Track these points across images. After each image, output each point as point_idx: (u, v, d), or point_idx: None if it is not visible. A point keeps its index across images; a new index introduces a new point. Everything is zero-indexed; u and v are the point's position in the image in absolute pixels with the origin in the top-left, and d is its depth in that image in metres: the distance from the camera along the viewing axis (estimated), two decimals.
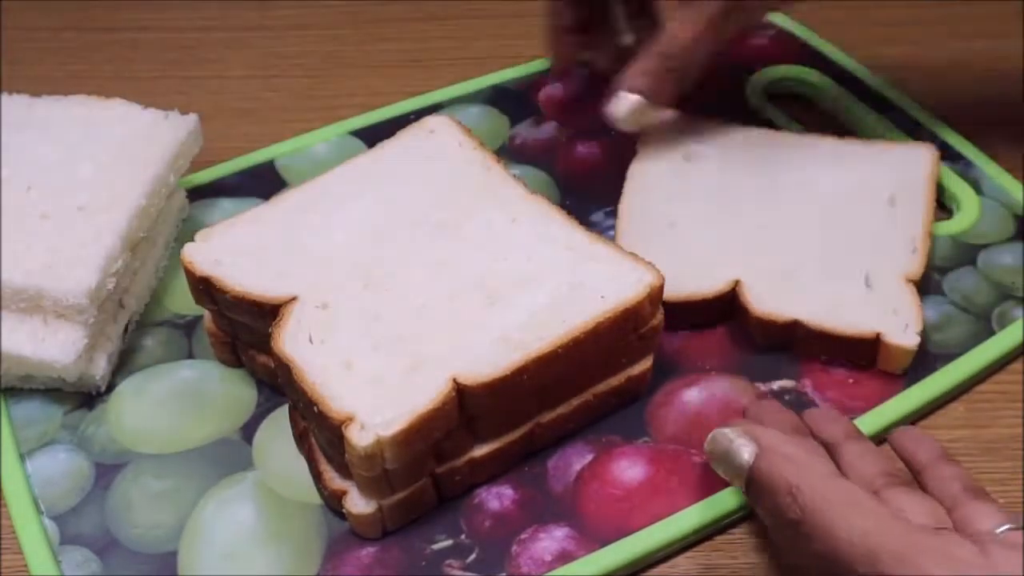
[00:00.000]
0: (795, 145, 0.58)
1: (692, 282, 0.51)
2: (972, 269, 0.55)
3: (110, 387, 0.50)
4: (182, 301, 0.54)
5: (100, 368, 0.49)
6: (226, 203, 0.59)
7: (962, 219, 0.57)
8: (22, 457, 0.47)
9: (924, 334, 0.51)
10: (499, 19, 0.73)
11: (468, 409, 0.43)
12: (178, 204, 0.57)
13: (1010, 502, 0.46)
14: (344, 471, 0.43)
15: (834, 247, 0.52)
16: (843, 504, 0.37)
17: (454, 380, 0.42)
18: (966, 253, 0.55)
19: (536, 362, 0.43)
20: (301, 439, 0.46)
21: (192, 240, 0.49)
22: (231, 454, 0.47)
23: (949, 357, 0.50)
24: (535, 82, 0.67)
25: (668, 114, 0.56)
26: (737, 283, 0.51)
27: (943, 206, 0.59)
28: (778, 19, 0.71)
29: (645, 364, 0.48)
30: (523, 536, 0.44)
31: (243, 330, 0.48)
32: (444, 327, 0.44)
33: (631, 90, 0.54)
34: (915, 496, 0.39)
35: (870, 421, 0.48)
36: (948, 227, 0.57)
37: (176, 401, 0.50)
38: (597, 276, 0.46)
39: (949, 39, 0.72)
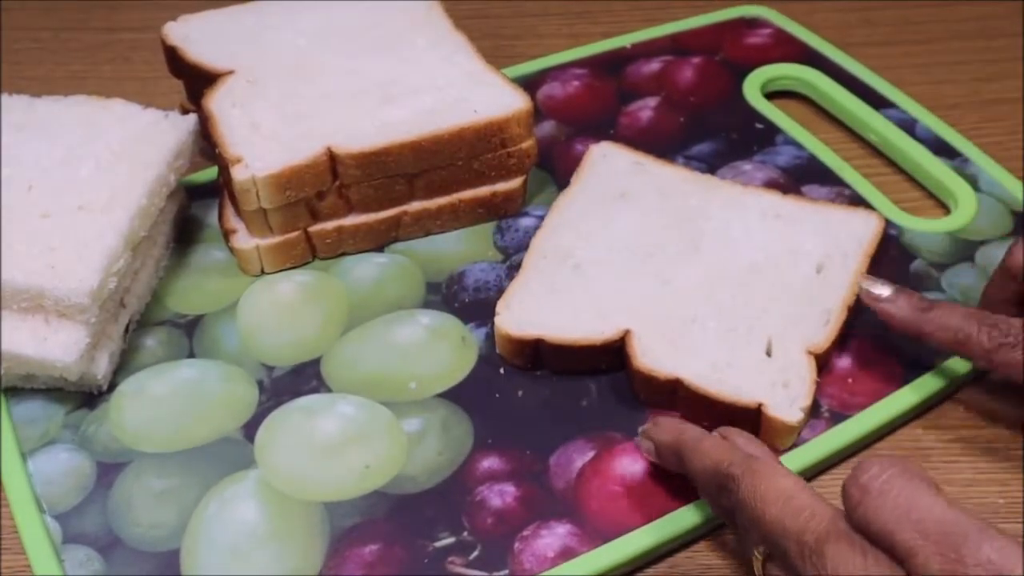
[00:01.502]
0: (736, 199, 0.55)
1: (583, 328, 0.49)
2: (970, 265, 0.55)
3: (111, 386, 0.50)
4: (183, 301, 0.54)
5: (102, 367, 0.49)
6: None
7: (959, 216, 0.57)
8: (24, 456, 0.47)
9: None
10: (497, 19, 0.73)
11: (341, 177, 0.53)
12: (179, 204, 0.57)
13: (1010, 502, 0.46)
14: (239, 213, 0.54)
15: (742, 309, 0.50)
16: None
17: (328, 148, 0.52)
18: (964, 249, 0.56)
19: (402, 147, 0.53)
20: (221, 209, 0.56)
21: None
22: (233, 453, 0.47)
23: (948, 353, 0.50)
24: (534, 81, 0.67)
25: None
26: (627, 333, 0.49)
27: (940, 203, 0.60)
28: (776, 18, 0.72)
29: (514, 184, 0.57)
30: (525, 533, 0.44)
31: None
32: (340, 112, 0.55)
33: None
34: None
35: (870, 417, 0.48)
36: (946, 224, 0.57)
37: (177, 400, 0.50)
38: (478, 96, 0.55)
39: (949, 39, 0.72)
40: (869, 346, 0.51)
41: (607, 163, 0.58)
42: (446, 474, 0.46)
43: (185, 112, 0.58)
